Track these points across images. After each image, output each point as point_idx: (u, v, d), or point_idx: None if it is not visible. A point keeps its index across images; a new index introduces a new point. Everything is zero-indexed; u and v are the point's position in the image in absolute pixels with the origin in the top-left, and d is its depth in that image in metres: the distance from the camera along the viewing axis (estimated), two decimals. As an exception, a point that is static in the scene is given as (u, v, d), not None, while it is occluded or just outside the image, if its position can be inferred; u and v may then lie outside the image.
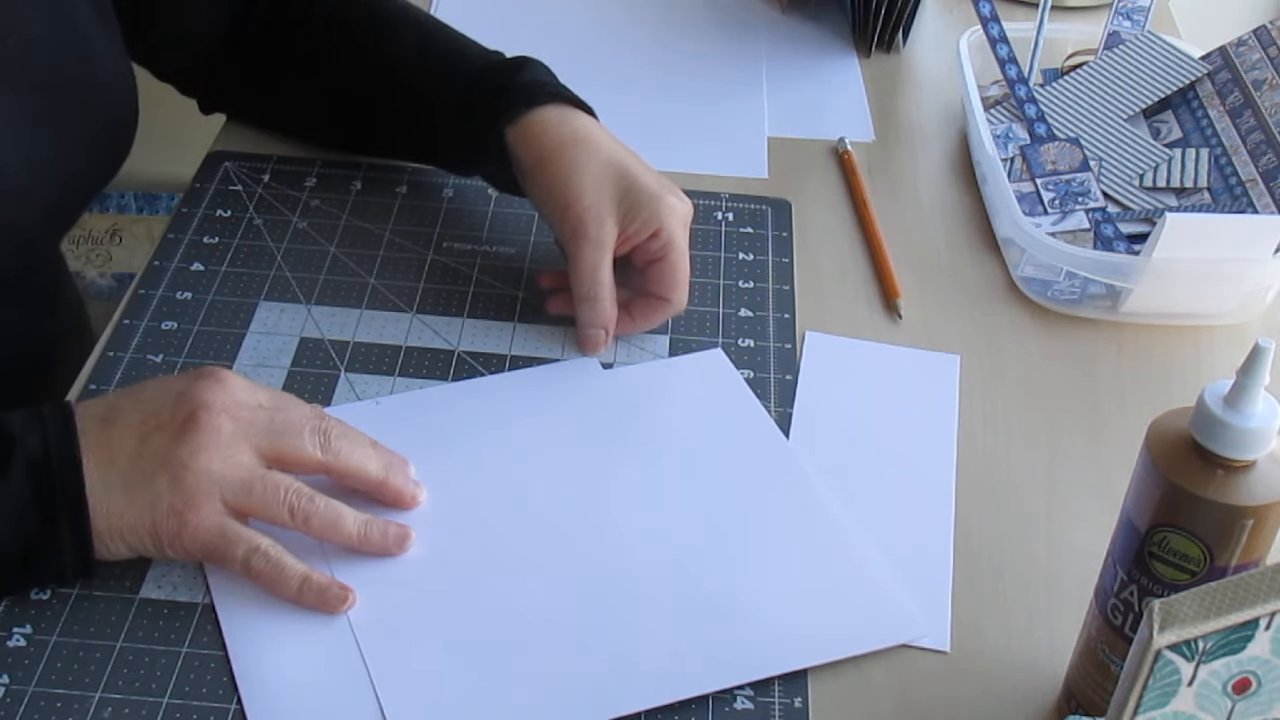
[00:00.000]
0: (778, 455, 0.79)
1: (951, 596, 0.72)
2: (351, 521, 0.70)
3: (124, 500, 0.67)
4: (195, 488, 0.67)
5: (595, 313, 0.82)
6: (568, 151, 0.83)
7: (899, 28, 1.16)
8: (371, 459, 0.73)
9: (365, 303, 0.88)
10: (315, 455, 0.70)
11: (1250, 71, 0.99)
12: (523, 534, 0.73)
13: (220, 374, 0.71)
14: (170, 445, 0.68)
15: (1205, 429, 0.56)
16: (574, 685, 0.66)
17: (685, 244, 0.83)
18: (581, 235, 0.82)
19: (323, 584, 0.69)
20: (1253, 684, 0.50)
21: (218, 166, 0.98)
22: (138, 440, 0.68)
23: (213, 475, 0.67)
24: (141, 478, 0.67)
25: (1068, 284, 0.91)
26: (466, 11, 1.17)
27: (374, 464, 0.72)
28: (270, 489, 0.69)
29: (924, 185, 1.02)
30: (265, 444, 0.70)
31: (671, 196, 0.82)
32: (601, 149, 0.84)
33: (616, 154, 0.84)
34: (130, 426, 0.68)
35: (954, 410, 0.83)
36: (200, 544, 0.67)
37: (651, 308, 0.84)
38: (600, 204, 0.82)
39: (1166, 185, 0.98)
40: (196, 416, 0.68)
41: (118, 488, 0.67)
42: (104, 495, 0.67)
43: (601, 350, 0.84)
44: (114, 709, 0.64)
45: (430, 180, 0.98)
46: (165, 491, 0.67)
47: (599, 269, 0.82)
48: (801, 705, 0.67)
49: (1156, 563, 0.59)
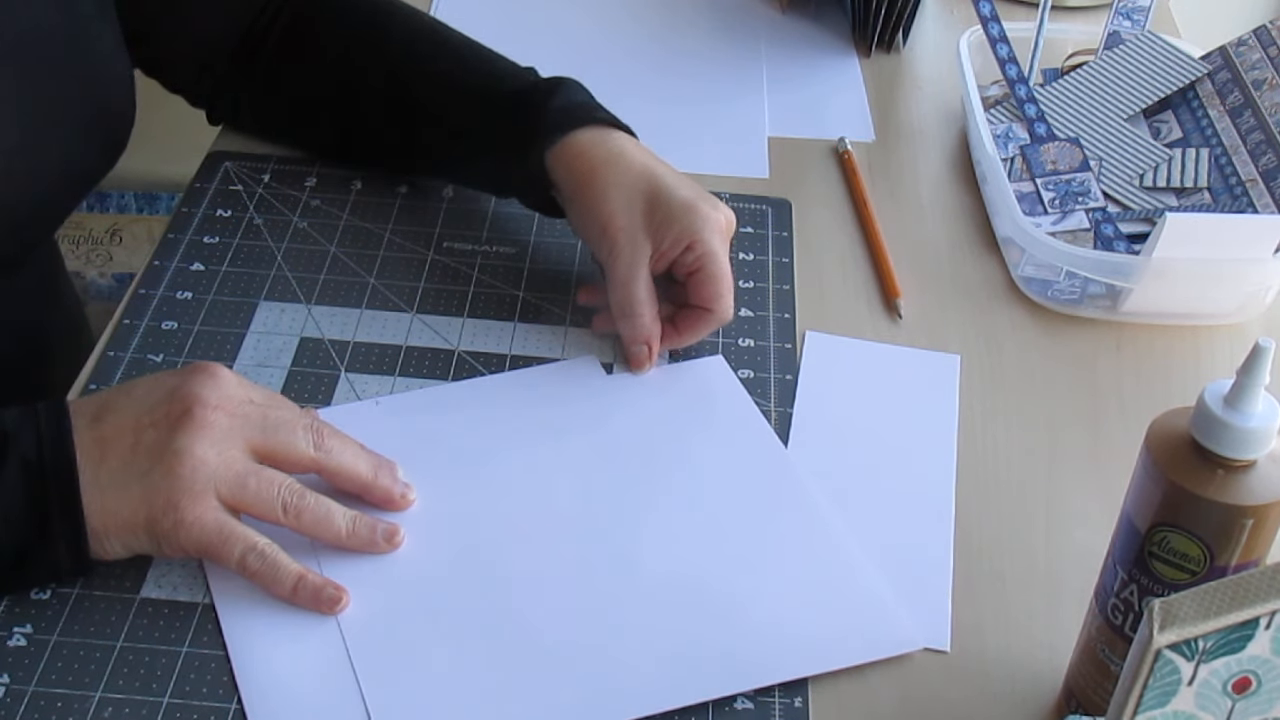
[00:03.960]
0: (776, 464, 0.78)
1: (951, 596, 0.72)
2: (341, 518, 0.70)
3: (119, 497, 0.67)
4: (191, 482, 0.67)
5: (636, 329, 0.82)
6: (600, 173, 0.83)
7: (899, 28, 1.16)
8: (362, 459, 0.73)
9: (365, 303, 0.88)
10: (308, 452, 0.71)
11: (1250, 71, 0.99)
12: (520, 537, 0.73)
13: (213, 369, 0.71)
14: (165, 440, 0.68)
15: (1205, 429, 0.56)
16: (566, 692, 0.66)
17: (724, 253, 0.82)
18: (616, 256, 0.82)
19: (317, 584, 0.69)
20: (1253, 683, 0.50)
21: (218, 166, 0.98)
22: (132, 436, 0.68)
23: (208, 469, 0.67)
24: (137, 473, 0.67)
25: (1068, 284, 0.91)
26: (466, 11, 1.17)
27: (364, 464, 0.73)
28: (265, 484, 0.69)
29: (924, 185, 1.02)
30: (259, 440, 0.70)
31: (706, 206, 0.82)
32: (633, 166, 0.83)
33: (649, 171, 0.83)
34: (124, 423, 0.68)
35: (954, 410, 0.83)
36: (196, 540, 0.67)
37: (696, 319, 0.84)
38: (633, 224, 0.82)
39: (1166, 185, 0.98)
40: (191, 411, 0.68)
41: (112, 485, 0.67)
42: (98, 493, 0.67)
43: (648, 368, 0.84)
44: (114, 709, 0.64)
45: (431, 180, 0.98)
46: (161, 486, 0.67)
47: (636, 285, 0.82)
48: (801, 705, 0.67)
49: (1156, 562, 0.59)
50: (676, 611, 0.70)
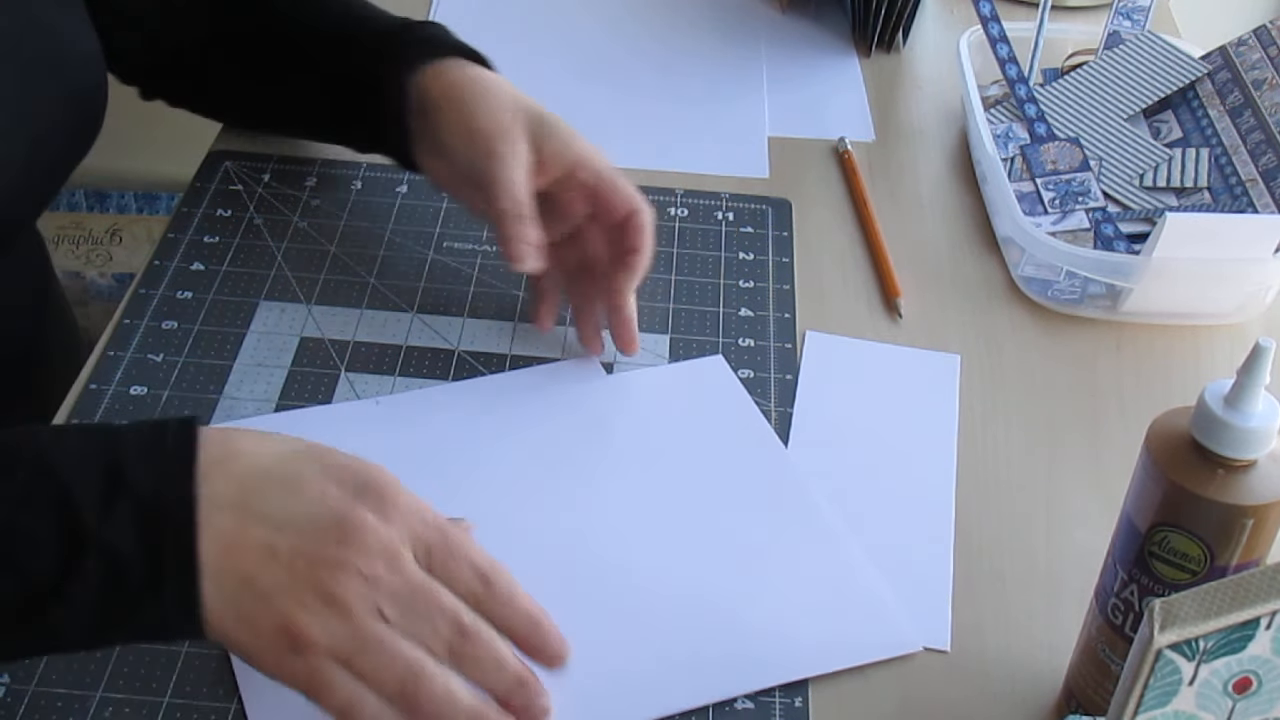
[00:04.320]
0: (776, 464, 0.78)
1: (951, 596, 0.72)
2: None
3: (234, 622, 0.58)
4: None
5: (523, 226, 0.77)
6: (474, 87, 0.81)
7: (899, 28, 1.16)
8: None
9: (365, 303, 0.88)
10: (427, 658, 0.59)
11: (1250, 71, 0.99)
12: (517, 537, 0.73)
13: (387, 501, 0.59)
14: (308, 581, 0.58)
15: (1205, 428, 0.56)
16: (564, 695, 0.66)
17: (620, 176, 0.80)
18: (494, 156, 0.78)
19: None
20: (1253, 683, 0.50)
21: (218, 166, 0.98)
22: (267, 560, 0.58)
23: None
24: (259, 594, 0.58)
25: (1068, 284, 0.91)
26: (467, 11, 1.17)
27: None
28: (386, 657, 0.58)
29: (924, 185, 1.02)
30: (395, 616, 0.58)
31: (588, 142, 0.80)
32: (510, 89, 0.81)
33: (524, 97, 0.81)
34: (263, 535, 0.58)
35: (954, 410, 0.83)
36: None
37: (622, 257, 0.80)
38: (511, 128, 0.79)
39: (1166, 185, 0.98)
40: (343, 568, 0.58)
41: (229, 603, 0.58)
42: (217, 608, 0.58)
43: (535, 267, 0.79)
44: (114, 709, 0.64)
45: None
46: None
47: (517, 185, 0.78)
48: (802, 705, 0.67)
49: (1157, 562, 0.59)
50: (675, 613, 0.70)
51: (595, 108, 1.07)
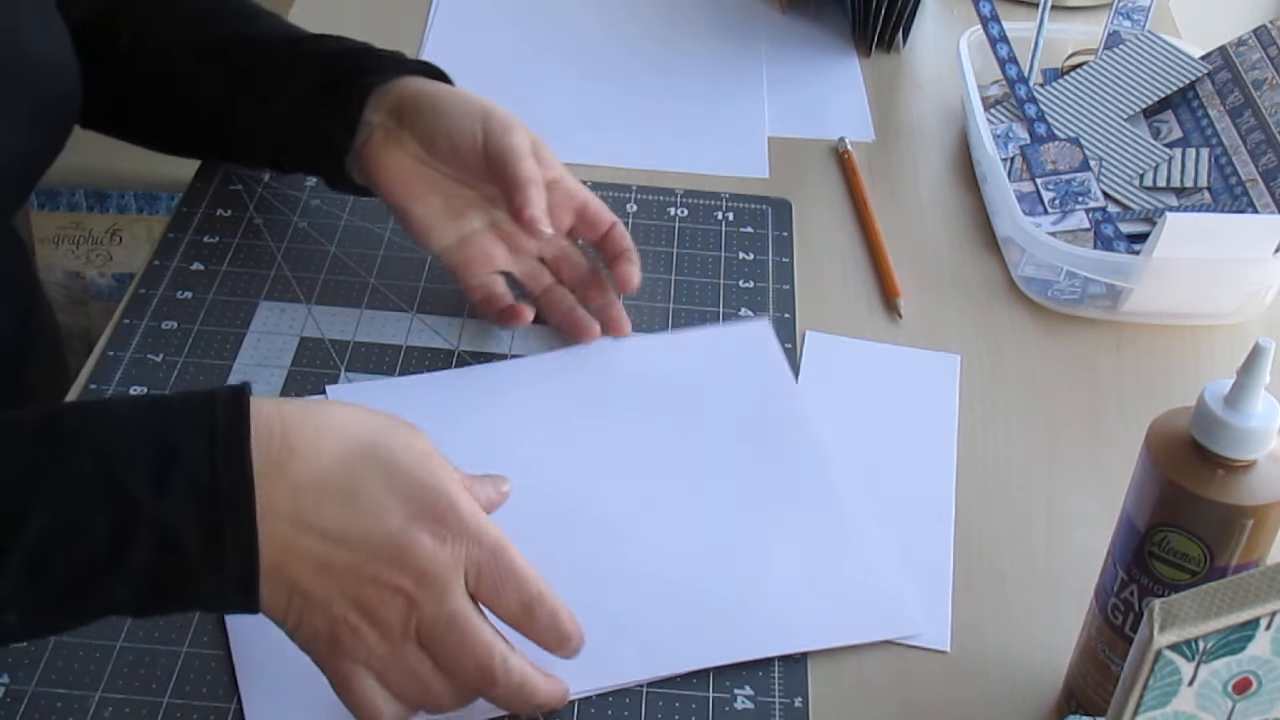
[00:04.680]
0: (802, 436, 0.79)
1: (951, 596, 0.72)
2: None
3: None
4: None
5: (541, 193, 0.79)
6: (440, 98, 0.82)
7: (899, 28, 1.16)
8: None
9: (365, 302, 0.88)
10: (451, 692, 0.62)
11: (1250, 71, 0.99)
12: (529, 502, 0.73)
13: (446, 523, 0.59)
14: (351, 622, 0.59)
15: (1205, 429, 0.56)
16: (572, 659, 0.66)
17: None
18: (511, 130, 0.80)
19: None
20: (1253, 684, 0.50)
21: (218, 166, 0.98)
22: (319, 572, 0.59)
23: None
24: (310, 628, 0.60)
25: (1068, 284, 0.91)
26: (467, 12, 1.17)
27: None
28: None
29: (924, 185, 1.02)
30: (429, 642, 0.60)
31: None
32: (473, 96, 0.82)
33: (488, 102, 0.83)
34: (315, 550, 0.58)
35: (954, 410, 0.83)
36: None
37: (626, 261, 0.85)
38: (514, 120, 0.81)
39: (1166, 185, 0.98)
40: (391, 589, 0.59)
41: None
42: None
43: (550, 230, 0.80)
44: (114, 709, 0.64)
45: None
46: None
47: (531, 160, 0.80)
48: (801, 705, 0.67)
49: (1157, 562, 0.59)
50: (684, 578, 0.71)
51: (595, 107, 1.07)
